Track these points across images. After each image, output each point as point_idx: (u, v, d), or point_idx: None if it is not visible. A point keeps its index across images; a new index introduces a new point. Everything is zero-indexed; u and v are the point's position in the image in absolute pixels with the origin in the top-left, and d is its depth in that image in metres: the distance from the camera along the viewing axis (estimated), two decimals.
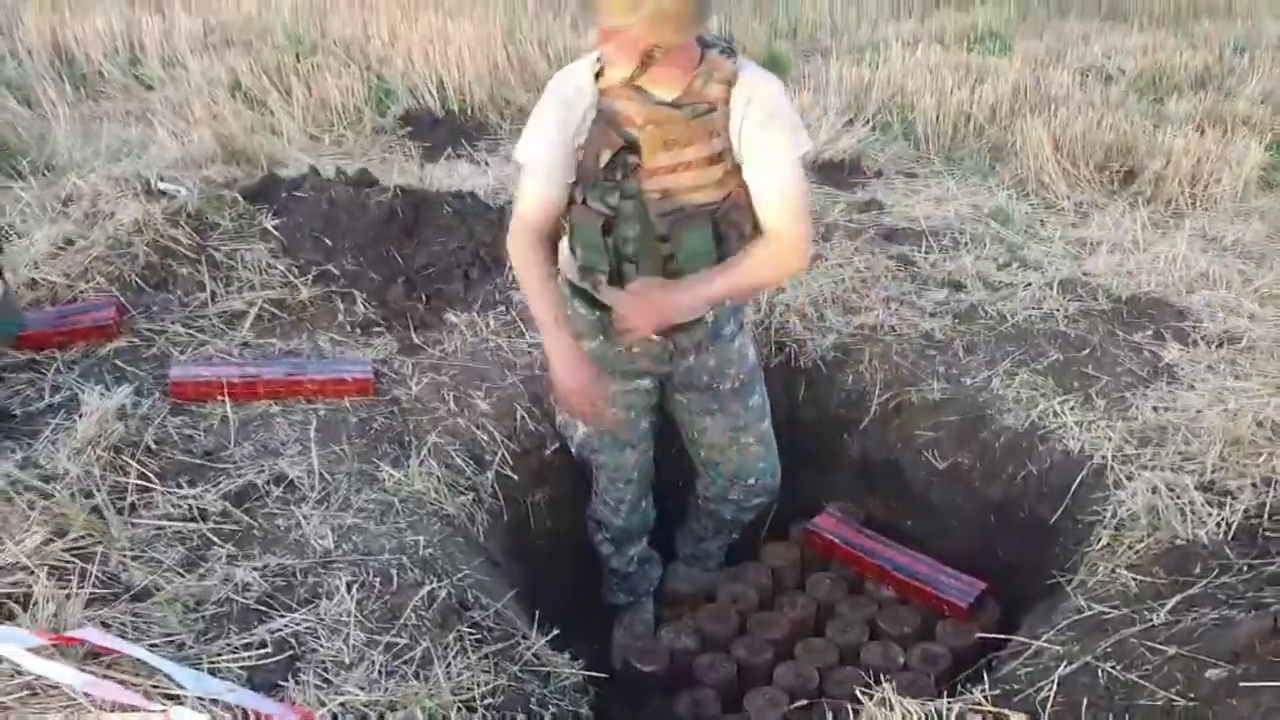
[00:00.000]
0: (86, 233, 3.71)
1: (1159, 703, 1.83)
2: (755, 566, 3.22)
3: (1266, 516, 2.48)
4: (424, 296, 3.48)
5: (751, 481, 2.89)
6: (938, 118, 5.51)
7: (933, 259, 4.03)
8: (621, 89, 2.22)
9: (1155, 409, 3.07)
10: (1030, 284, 3.79)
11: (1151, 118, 5.50)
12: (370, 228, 3.62)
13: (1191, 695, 1.80)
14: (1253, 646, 1.77)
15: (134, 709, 1.87)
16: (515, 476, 2.96)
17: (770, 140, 2.24)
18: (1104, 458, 2.90)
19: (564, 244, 2.48)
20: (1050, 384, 3.23)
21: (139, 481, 2.50)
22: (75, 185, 4.16)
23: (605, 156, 2.24)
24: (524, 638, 2.34)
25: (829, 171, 5.07)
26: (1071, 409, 3.12)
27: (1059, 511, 2.89)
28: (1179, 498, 2.61)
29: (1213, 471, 2.75)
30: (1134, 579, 2.33)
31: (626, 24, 2.08)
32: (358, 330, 3.37)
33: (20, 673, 1.92)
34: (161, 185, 3.96)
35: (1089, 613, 2.26)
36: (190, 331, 3.25)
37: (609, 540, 2.99)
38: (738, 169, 2.30)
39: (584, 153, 2.27)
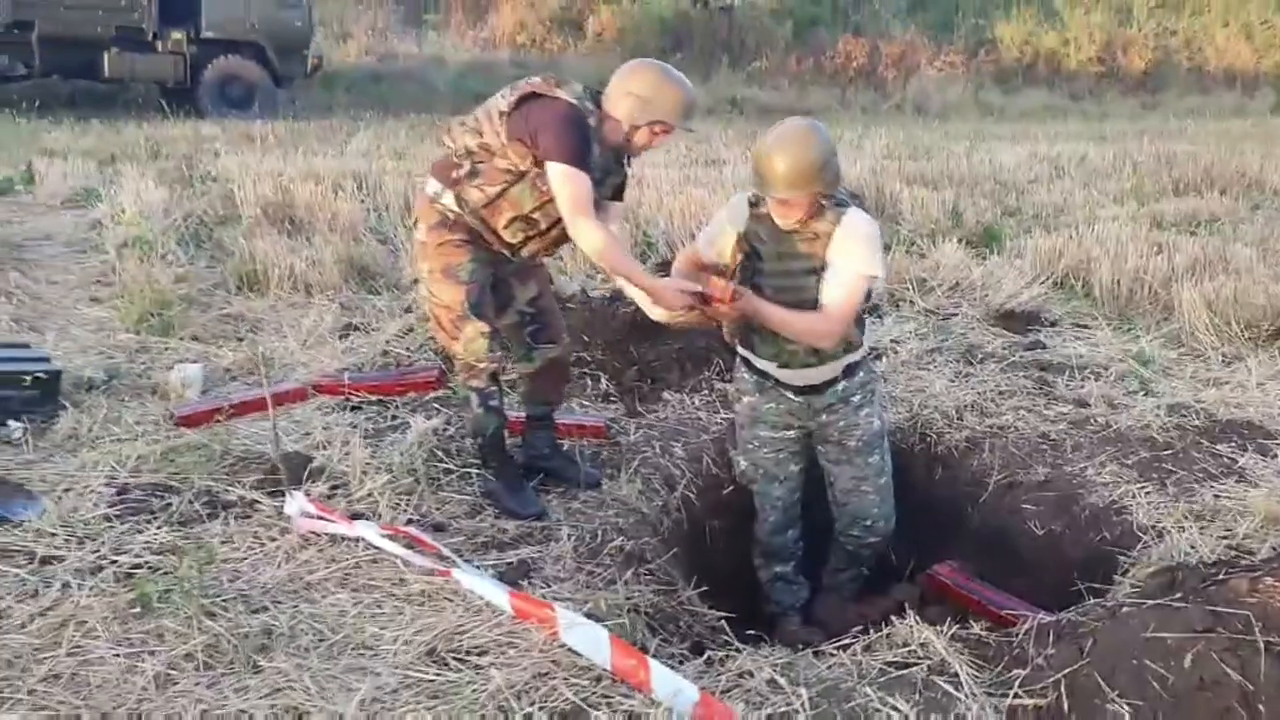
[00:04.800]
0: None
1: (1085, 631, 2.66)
2: (882, 599, 4.10)
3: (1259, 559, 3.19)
4: (649, 380, 4.69)
5: (868, 523, 3.81)
6: (1117, 281, 6.29)
7: (1070, 385, 4.86)
8: (764, 216, 3.37)
9: (1216, 496, 3.78)
10: (1146, 408, 4.55)
11: None
12: (617, 330, 4.91)
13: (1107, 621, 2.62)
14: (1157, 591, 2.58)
15: (432, 570, 3.07)
16: (697, 503, 4.05)
17: (847, 253, 3.26)
18: (1162, 528, 3.65)
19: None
20: (1134, 474, 4.00)
21: (444, 465, 3.78)
22: (415, 298, 5.72)
23: (739, 259, 3.39)
24: (683, 588, 3.39)
25: (1008, 319, 5.97)
26: (1146, 493, 3.87)
27: (1121, 569, 3.64)
28: (1196, 548, 3.36)
29: (1243, 538, 3.45)
30: (1129, 584, 3.11)
31: (782, 196, 3.22)
32: (599, 399, 4.62)
33: (371, 547, 3.18)
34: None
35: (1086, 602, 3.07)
36: None
37: (759, 555, 3.98)
38: None
39: (734, 253, 3.42)
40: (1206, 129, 18.07)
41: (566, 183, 3.31)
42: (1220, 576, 2.61)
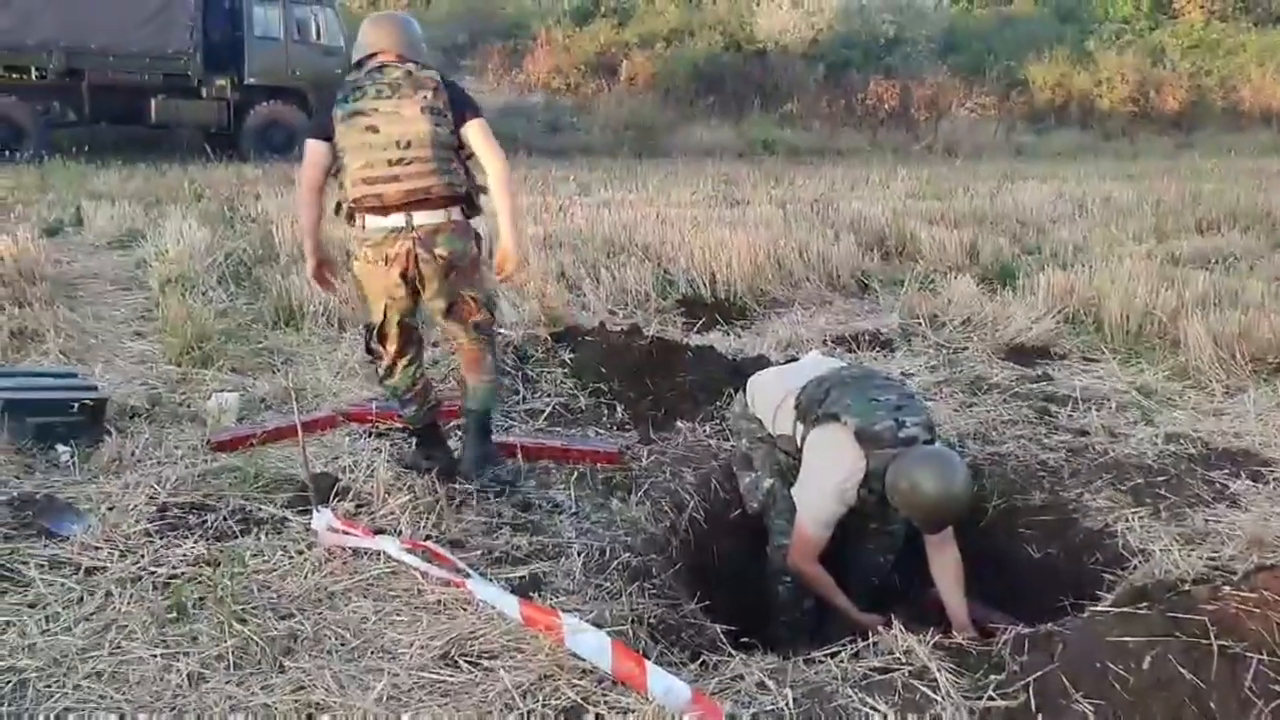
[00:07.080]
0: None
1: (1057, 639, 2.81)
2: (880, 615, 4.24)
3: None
4: (663, 409, 4.89)
5: None
6: (1126, 316, 6.43)
7: (1072, 415, 5.00)
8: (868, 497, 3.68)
9: (1206, 520, 3.91)
10: (1144, 436, 4.68)
11: None
12: (633, 362, 5.12)
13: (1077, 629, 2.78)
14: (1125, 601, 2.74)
15: (448, 581, 3.27)
16: (705, 525, 4.22)
17: None
18: (1151, 550, 3.77)
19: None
20: (1128, 499, 4.13)
21: (463, 487, 3.99)
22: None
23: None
24: (685, 603, 3.56)
25: (1018, 353, 6.11)
26: (1141, 518, 4.00)
27: (1106, 587, 3.77)
28: (1179, 566, 3.49)
29: (1228, 559, 3.58)
30: (1109, 598, 3.25)
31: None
32: (615, 427, 4.82)
33: (391, 560, 3.39)
34: (499, 330, 5.66)
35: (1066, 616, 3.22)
36: (506, 418, 4.82)
37: (789, 586, 4.11)
38: None
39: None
40: (1238, 167, 18.12)
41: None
42: (1185, 588, 2.76)
